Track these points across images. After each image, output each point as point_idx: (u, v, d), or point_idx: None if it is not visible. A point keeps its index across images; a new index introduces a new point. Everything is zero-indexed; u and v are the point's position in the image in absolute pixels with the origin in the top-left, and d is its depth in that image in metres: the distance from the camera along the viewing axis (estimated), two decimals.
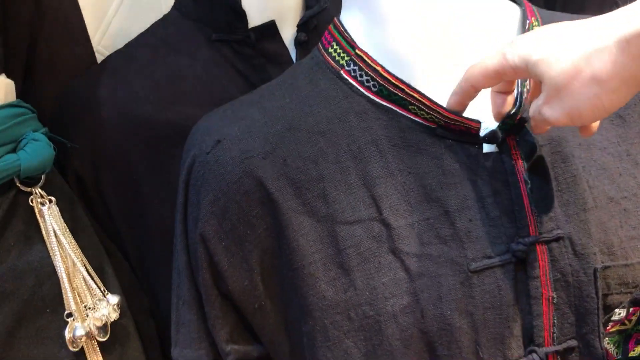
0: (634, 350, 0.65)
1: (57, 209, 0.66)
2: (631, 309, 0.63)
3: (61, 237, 0.64)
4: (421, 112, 0.61)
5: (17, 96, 0.71)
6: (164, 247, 0.71)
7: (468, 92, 0.59)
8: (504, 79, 0.57)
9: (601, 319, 0.61)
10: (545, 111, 0.54)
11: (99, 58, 0.90)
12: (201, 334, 0.66)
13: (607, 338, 0.63)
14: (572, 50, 0.51)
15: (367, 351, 0.60)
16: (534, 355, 0.60)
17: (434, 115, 0.61)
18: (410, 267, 0.59)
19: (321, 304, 0.60)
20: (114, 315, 0.66)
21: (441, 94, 0.62)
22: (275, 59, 0.84)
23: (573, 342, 0.61)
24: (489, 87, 0.59)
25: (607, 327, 0.63)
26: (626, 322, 0.63)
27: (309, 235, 0.60)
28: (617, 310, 0.62)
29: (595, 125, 0.59)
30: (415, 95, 0.61)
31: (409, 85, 0.61)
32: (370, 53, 0.63)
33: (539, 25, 0.68)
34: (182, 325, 0.67)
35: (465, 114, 0.61)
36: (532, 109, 0.56)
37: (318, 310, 0.60)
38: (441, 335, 0.59)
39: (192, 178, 0.63)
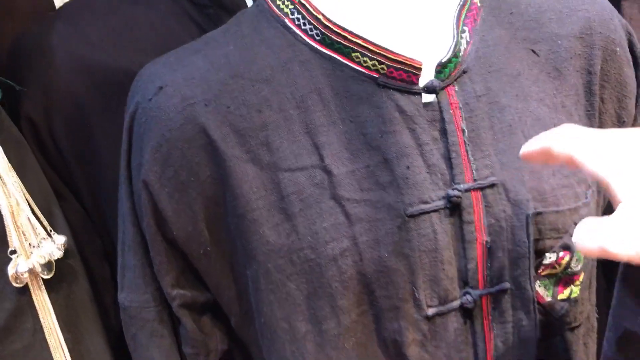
0: (563, 293, 0.69)
1: (2, 149, 0.66)
2: (561, 253, 0.66)
3: (5, 177, 0.64)
4: (364, 58, 0.62)
5: None
6: (117, 191, 0.72)
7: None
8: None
9: (532, 263, 0.64)
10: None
11: (58, 5, 0.89)
12: (147, 279, 0.67)
13: (538, 281, 0.66)
14: None
15: (309, 293, 0.62)
16: (468, 296, 0.63)
17: (377, 60, 0.62)
18: (349, 213, 0.61)
19: (264, 248, 0.62)
20: (58, 254, 0.67)
21: (384, 40, 0.63)
22: (231, 9, 0.84)
23: (506, 285, 0.64)
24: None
25: (539, 271, 0.66)
26: (556, 266, 0.67)
27: (253, 183, 0.61)
28: (547, 254, 0.65)
29: None
30: (359, 41, 0.62)
31: (351, 32, 0.62)
32: (313, 1, 0.64)
33: None
34: (128, 270, 0.68)
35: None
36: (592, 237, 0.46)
37: (261, 254, 0.62)
38: (379, 277, 0.61)
39: (135, 125, 0.64)
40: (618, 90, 0.72)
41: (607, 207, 0.78)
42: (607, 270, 0.82)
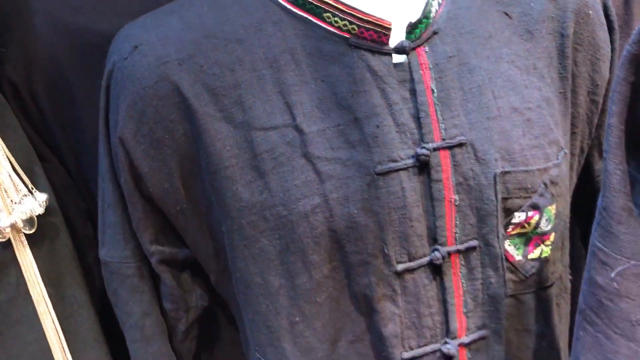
0: (533, 253, 0.70)
1: None
2: (530, 213, 0.68)
3: None
4: (335, 19, 0.64)
5: None
6: (98, 151, 0.73)
7: None
8: None
9: (500, 221, 0.66)
10: None
11: None
12: (126, 235, 0.69)
13: (508, 240, 0.68)
14: None
15: (282, 249, 0.64)
16: (437, 253, 0.65)
17: (348, 20, 0.63)
18: (320, 170, 0.62)
19: (238, 205, 0.64)
20: (39, 210, 0.69)
21: (356, 1, 0.64)
22: None
23: (474, 242, 0.66)
24: None
25: (509, 230, 0.68)
26: (526, 225, 0.68)
27: (226, 141, 0.63)
28: (516, 213, 0.67)
29: None
30: (330, 2, 0.63)
31: None
32: None
33: None
34: (108, 226, 0.70)
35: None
36: None
37: (235, 211, 0.64)
38: (348, 233, 0.63)
39: (112, 83, 0.65)
40: (591, 54, 0.72)
41: (584, 170, 0.79)
42: (586, 236, 0.84)
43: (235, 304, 0.72)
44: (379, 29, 0.63)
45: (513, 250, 0.69)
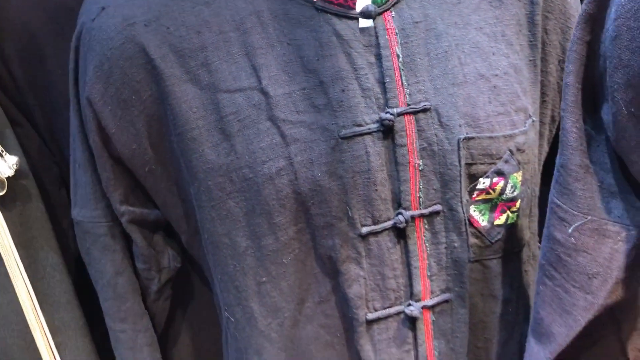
0: (499, 219, 0.72)
1: None
2: (495, 179, 0.69)
3: None
4: None
5: None
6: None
7: None
8: None
9: (464, 187, 0.67)
10: None
11: None
12: (97, 195, 0.71)
13: (473, 206, 0.69)
14: None
15: (248, 210, 0.65)
16: (400, 217, 0.66)
17: None
18: (285, 133, 0.63)
19: (205, 167, 0.65)
20: (9, 172, 0.70)
21: None
22: None
23: (438, 207, 0.67)
24: None
25: (473, 196, 0.69)
26: (491, 191, 0.69)
27: (192, 102, 0.64)
28: (481, 179, 0.68)
29: None
30: None
31: None
32: None
33: None
34: (79, 186, 0.71)
35: None
36: None
37: (202, 172, 0.65)
38: (313, 195, 0.64)
39: (80, 44, 0.66)
40: (562, 22, 0.73)
41: (555, 140, 0.80)
42: None
43: (207, 265, 0.74)
44: None
45: (478, 215, 0.70)
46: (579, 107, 0.57)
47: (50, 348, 0.73)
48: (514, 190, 0.70)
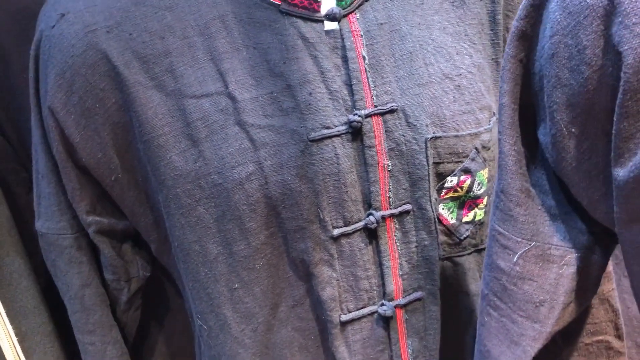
0: (467, 216, 0.73)
1: None
2: (462, 177, 0.70)
3: None
4: None
5: None
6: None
7: None
8: None
9: (433, 185, 0.68)
10: None
11: None
12: (62, 206, 0.69)
13: (442, 204, 0.70)
14: None
15: (218, 217, 0.65)
16: (371, 217, 0.67)
17: None
18: (254, 138, 0.63)
19: (172, 173, 0.64)
20: None
21: None
22: None
23: (408, 206, 0.68)
24: None
25: (442, 194, 0.70)
26: (458, 189, 0.70)
27: (158, 109, 0.63)
28: (449, 178, 0.69)
29: None
30: None
31: None
32: None
33: None
34: (43, 198, 0.69)
35: None
36: None
37: (170, 179, 0.64)
38: (284, 199, 0.64)
39: (40, 52, 0.64)
40: None
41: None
42: None
43: (177, 273, 0.73)
44: None
45: (447, 213, 0.71)
46: (516, 129, 0.54)
47: (18, 355, 0.71)
48: (481, 187, 0.71)
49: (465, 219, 0.72)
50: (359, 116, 0.64)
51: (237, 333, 0.68)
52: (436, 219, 0.69)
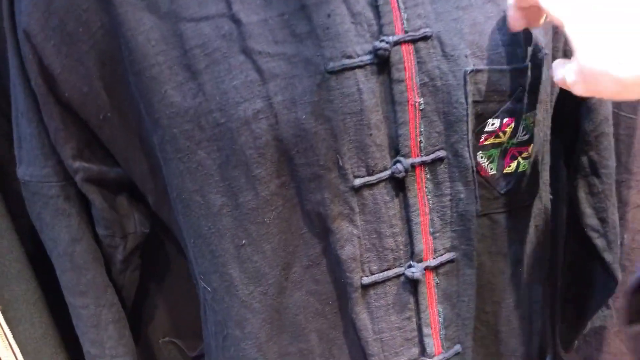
0: (509, 167, 0.63)
1: None
2: (505, 120, 0.60)
3: None
4: None
5: None
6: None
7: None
8: None
9: (471, 127, 0.58)
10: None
11: None
12: (46, 149, 0.61)
13: (480, 152, 0.61)
14: None
15: (222, 162, 0.56)
16: (399, 165, 0.57)
17: None
18: (262, 68, 0.54)
19: (168, 111, 0.55)
20: None
21: None
22: None
23: (442, 153, 0.59)
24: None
25: (481, 140, 0.60)
26: (500, 134, 0.61)
27: (150, 34, 0.54)
28: (490, 120, 0.59)
29: None
30: None
31: None
32: None
33: None
34: (24, 140, 0.62)
35: None
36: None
37: (165, 118, 0.56)
38: (297, 142, 0.55)
39: None
40: None
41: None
42: (569, 153, 0.77)
43: (178, 229, 0.64)
44: None
45: (486, 163, 0.61)
46: None
47: (0, 325, 0.64)
48: (527, 133, 0.61)
49: (507, 170, 0.62)
50: (387, 43, 0.54)
51: (244, 296, 0.60)
52: (474, 168, 0.59)
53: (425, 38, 0.55)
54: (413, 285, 0.61)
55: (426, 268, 0.61)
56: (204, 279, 0.62)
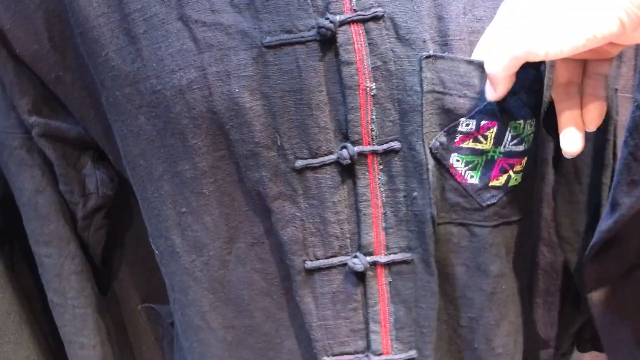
0: (497, 179, 0.55)
1: None
2: (483, 122, 0.53)
3: None
4: None
5: None
6: None
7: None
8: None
9: (427, 119, 0.52)
10: None
11: None
12: (8, 102, 0.62)
13: (456, 154, 0.54)
14: None
15: (160, 129, 0.55)
16: (345, 151, 0.54)
17: None
18: (198, 37, 0.52)
19: (110, 73, 0.55)
20: None
21: None
22: None
23: (395, 144, 0.54)
24: None
25: (456, 140, 0.54)
26: (480, 138, 0.54)
27: None
28: (463, 119, 0.53)
29: None
30: None
31: None
32: None
33: None
34: None
35: None
36: None
37: (108, 80, 0.55)
38: (231, 116, 0.53)
39: None
40: None
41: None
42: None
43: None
44: None
45: (463, 168, 0.55)
46: None
47: None
48: (519, 144, 0.54)
49: (494, 183, 0.55)
50: (331, 22, 0.50)
51: (187, 263, 0.60)
52: (427, 165, 0.53)
53: (376, 18, 0.51)
54: (360, 277, 0.58)
55: (376, 263, 0.57)
56: (153, 242, 0.63)
